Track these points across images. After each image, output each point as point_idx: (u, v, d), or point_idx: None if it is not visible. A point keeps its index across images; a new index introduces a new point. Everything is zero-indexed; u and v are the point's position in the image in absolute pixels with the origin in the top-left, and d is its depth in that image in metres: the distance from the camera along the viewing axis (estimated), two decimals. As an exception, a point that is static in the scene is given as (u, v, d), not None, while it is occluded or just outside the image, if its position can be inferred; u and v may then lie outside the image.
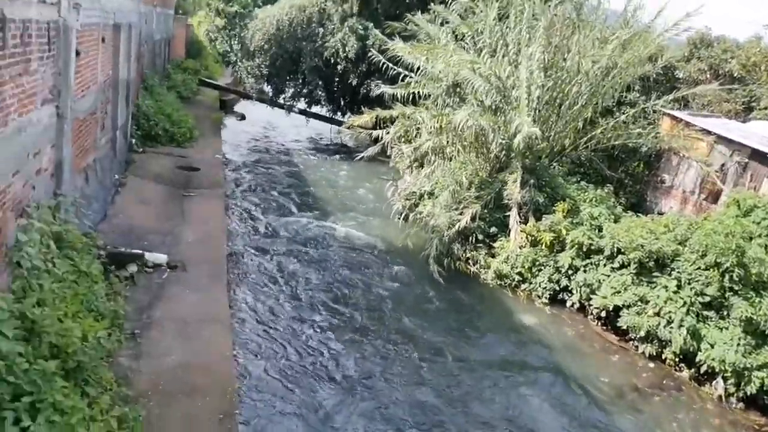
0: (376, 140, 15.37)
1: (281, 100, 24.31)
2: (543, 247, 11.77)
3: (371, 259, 12.53)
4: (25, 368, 4.37)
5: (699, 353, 9.31)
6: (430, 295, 11.19)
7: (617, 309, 10.33)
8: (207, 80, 26.35)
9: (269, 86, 24.35)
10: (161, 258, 8.61)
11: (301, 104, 24.26)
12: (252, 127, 25.16)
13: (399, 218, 14.83)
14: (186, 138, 16.16)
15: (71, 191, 7.97)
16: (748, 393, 8.86)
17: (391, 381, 8.24)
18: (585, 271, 11.11)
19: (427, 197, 14.38)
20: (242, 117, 26.84)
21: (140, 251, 8.46)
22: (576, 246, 11.27)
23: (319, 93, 23.64)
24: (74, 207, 7.68)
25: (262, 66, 22.83)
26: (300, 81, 23.50)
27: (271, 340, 8.61)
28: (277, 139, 24.22)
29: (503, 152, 13.74)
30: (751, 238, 10.00)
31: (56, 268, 6.09)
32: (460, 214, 12.62)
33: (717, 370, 9.06)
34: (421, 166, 15.49)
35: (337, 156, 22.13)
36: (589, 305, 10.91)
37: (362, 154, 15.53)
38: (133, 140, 14.44)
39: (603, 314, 10.66)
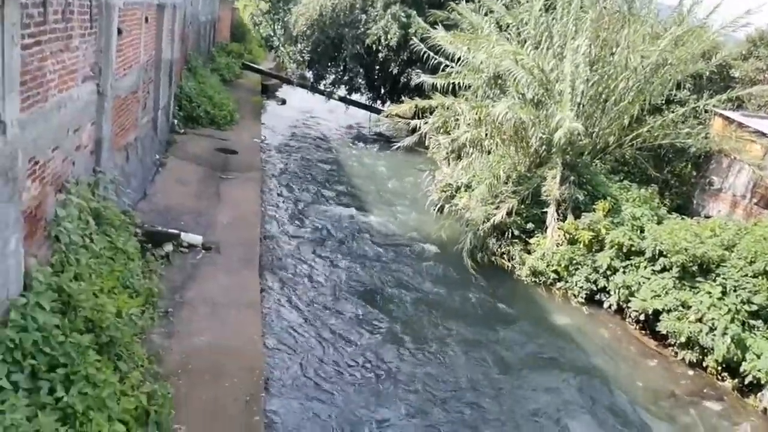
0: (414, 130, 15.21)
1: (322, 87, 24.35)
2: (581, 245, 11.44)
3: (405, 251, 12.43)
4: (61, 340, 4.46)
5: (744, 363, 8.90)
6: (464, 290, 11.02)
7: (657, 313, 9.95)
8: (250, 64, 26.59)
9: (310, 72, 24.40)
10: (197, 239, 8.71)
11: (342, 91, 24.24)
12: (292, 112, 25.30)
13: (434, 209, 14.70)
14: (227, 121, 16.33)
15: (111, 169, 8.12)
16: (796, 408, 8.45)
17: (422, 376, 8.14)
18: (624, 273, 10.75)
19: (464, 190, 14.17)
20: (283, 102, 27.02)
21: (176, 231, 8.57)
22: (616, 246, 10.91)
23: (360, 81, 23.55)
24: (113, 184, 7.82)
25: (304, 51, 22.87)
26: (341, 68, 23.47)
27: (300, 328, 8.61)
28: (316, 125, 24.29)
29: (543, 147, 13.39)
30: (805, 247, 9.47)
31: (94, 244, 6.20)
32: (496, 208, 12.38)
33: (763, 381, 8.63)
34: (459, 157, 15.26)
35: (375, 144, 22.06)
36: (628, 307, 10.55)
37: (400, 144, 15.39)
38: (175, 121, 14.66)
39: (641, 317, 10.29)
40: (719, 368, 9.22)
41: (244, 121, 16.98)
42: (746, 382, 8.90)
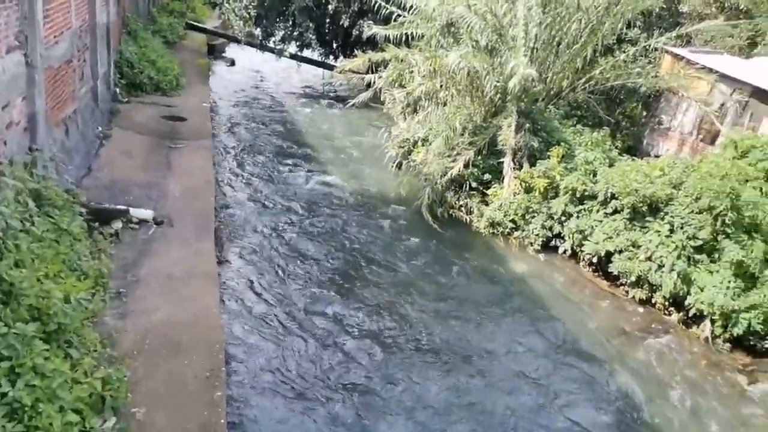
0: (369, 85, 14.94)
1: (271, 44, 23.49)
2: (536, 193, 11.64)
3: (364, 209, 12.43)
4: (3, 332, 4.31)
5: (689, 297, 9.38)
6: (423, 244, 11.16)
7: (609, 255, 10.31)
8: (194, 23, 25.34)
9: (258, 29, 23.44)
10: (147, 213, 8.48)
11: (292, 48, 23.45)
12: (242, 74, 24.47)
13: (392, 166, 14.65)
14: (172, 86, 15.66)
15: (49, 145, 7.75)
16: (735, 334, 9.00)
17: (384, 331, 8.33)
18: (578, 218, 11.04)
19: (421, 144, 14.12)
20: (232, 62, 26.01)
21: (125, 207, 8.30)
22: (570, 192, 11.14)
23: (310, 36, 22.79)
24: (53, 162, 7.48)
25: (250, 7, 21.91)
26: (290, 23, 22.63)
27: (261, 296, 8.62)
28: (268, 85, 23.61)
29: (498, 95, 13.36)
30: (747, 181, 9.85)
31: (35, 227, 5.95)
32: (453, 161, 12.42)
33: (705, 312, 9.15)
34: (415, 111, 15.10)
35: (330, 102, 21.64)
36: (581, 251, 10.89)
37: (354, 101, 15.13)
38: (117, 89, 13.99)
39: (595, 260, 10.65)
40: (666, 303, 9.71)
41: (192, 86, 16.34)
42: (690, 315, 9.41)
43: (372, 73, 15.03)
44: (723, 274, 9.11)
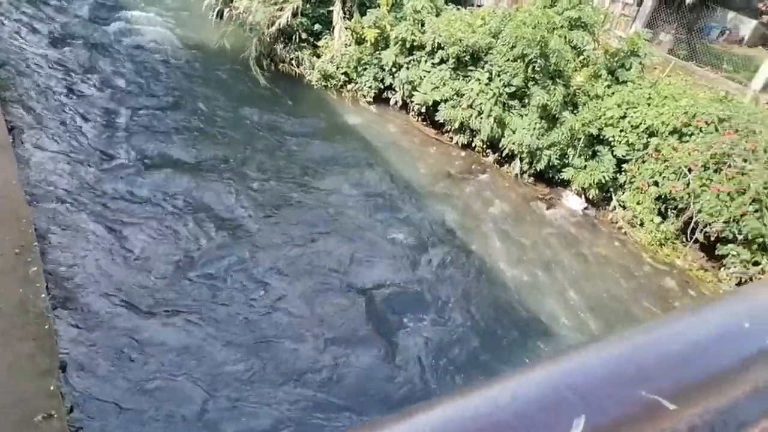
0: None
1: None
2: (368, 44, 11.46)
3: (184, 62, 11.25)
4: None
5: (503, 139, 10.38)
6: (252, 98, 10.60)
7: (436, 104, 10.82)
8: None
9: None
10: None
11: None
12: None
13: (212, 14, 13.21)
14: None
15: None
16: (538, 169, 10.33)
17: (217, 182, 8.07)
18: (408, 69, 11.22)
19: (243, -11, 12.78)
20: None
21: None
22: (399, 42, 11.15)
23: None
24: None
25: None
26: None
27: (71, 160, 7.69)
28: None
29: (323, -65, 12.32)
30: (554, 29, 10.63)
31: None
32: (280, 9, 11.55)
33: (516, 152, 10.26)
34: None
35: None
36: (411, 102, 11.26)
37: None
38: None
39: (423, 110, 11.13)
40: (484, 147, 10.68)
41: None
42: (504, 155, 10.51)
43: None
44: (531, 117, 10.14)
